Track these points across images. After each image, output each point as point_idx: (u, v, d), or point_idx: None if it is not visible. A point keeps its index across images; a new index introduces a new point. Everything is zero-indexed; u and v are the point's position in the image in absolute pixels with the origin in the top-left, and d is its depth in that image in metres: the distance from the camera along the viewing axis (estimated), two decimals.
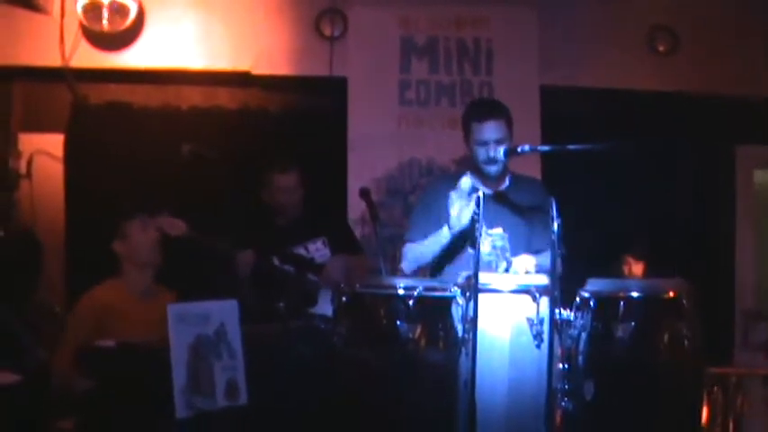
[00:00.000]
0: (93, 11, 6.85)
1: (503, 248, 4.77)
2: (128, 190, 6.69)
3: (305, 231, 5.92)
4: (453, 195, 4.61)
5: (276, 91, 7.37)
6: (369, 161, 6.99)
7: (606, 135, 5.69)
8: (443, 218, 4.80)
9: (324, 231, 5.94)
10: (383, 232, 6.07)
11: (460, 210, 4.57)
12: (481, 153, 4.84)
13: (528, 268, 4.54)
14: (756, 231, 7.61)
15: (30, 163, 7.17)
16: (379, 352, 3.85)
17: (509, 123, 4.88)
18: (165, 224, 5.60)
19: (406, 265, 5.06)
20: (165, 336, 3.64)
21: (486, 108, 5.03)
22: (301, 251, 5.85)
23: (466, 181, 4.64)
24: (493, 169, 4.87)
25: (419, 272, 5.03)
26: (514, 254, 4.71)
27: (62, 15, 7.01)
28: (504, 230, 4.79)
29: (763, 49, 7.41)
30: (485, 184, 4.96)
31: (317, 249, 5.90)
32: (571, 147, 4.78)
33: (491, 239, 4.75)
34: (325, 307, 5.50)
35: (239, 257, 5.66)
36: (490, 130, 4.82)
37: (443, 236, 4.74)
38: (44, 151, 7.18)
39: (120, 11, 6.87)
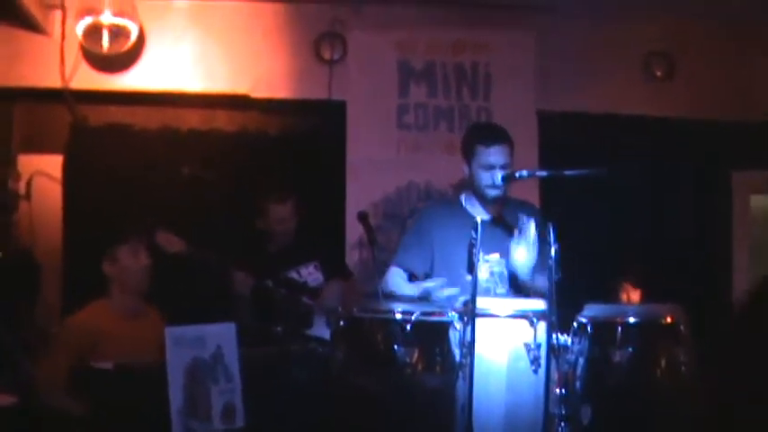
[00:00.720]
0: (93, 33, 6.86)
1: (500, 274, 4.80)
2: (125, 212, 6.70)
3: (297, 256, 5.95)
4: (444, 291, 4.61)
5: (275, 114, 7.38)
6: (367, 185, 7.00)
7: (603, 160, 5.70)
8: (435, 244, 4.84)
9: (315, 256, 5.97)
10: (381, 256, 6.04)
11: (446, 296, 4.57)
12: (485, 177, 4.86)
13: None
14: (753, 256, 7.62)
15: (29, 184, 7.17)
16: (376, 376, 3.86)
17: (512, 149, 4.92)
18: (163, 240, 5.63)
19: (384, 287, 5.07)
20: (161, 358, 3.65)
21: (492, 132, 5.05)
22: (294, 275, 5.88)
23: (448, 291, 4.63)
24: (495, 193, 4.89)
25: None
26: (511, 279, 4.74)
27: (63, 37, 7.02)
28: (501, 256, 4.80)
29: (759, 75, 7.44)
30: (485, 209, 4.98)
31: (310, 273, 5.93)
32: (568, 172, 4.80)
33: (489, 265, 4.78)
34: (320, 330, 5.53)
35: (237, 277, 5.68)
36: (496, 154, 4.85)
37: (418, 292, 4.75)
38: (43, 172, 7.18)
39: (120, 33, 6.88)
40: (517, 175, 4.80)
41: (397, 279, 5.06)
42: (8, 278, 6.34)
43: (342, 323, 4.07)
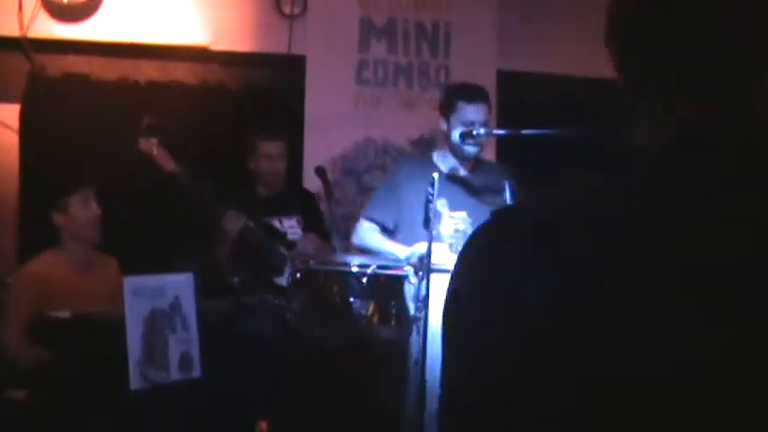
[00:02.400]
0: None
1: (464, 232, 4.85)
2: (82, 162, 6.69)
3: (281, 206, 5.97)
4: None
5: (235, 67, 7.37)
6: (325, 140, 7.02)
7: (563, 122, 5.75)
8: (403, 199, 4.88)
9: (298, 211, 5.99)
10: (338, 210, 6.12)
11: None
12: (460, 131, 4.93)
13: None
14: None
15: None
16: (331, 328, 3.91)
17: (490, 110, 5.04)
18: (159, 156, 5.63)
19: (355, 240, 5.13)
20: (118, 307, 3.68)
21: (476, 90, 5.14)
22: (276, 224, 5.90)
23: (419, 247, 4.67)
24: (472, 150, 4.97)
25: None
26: None
27: None
28: (467, 214, 4.86)
29: None
30: (452, 166, 5.04)
31: (291, 226, 5.94)
32: (525, 132, 4.87)
33: (453, 222, 4.83)
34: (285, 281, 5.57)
35: (229, 213, 5.69)
36: (477, 111, 4.94)
37: (391, 254, 4.80)
38: (0, 121, 7.15)
39: None
40: (474, 132, 4.87)
41: (370, 233, 5.11)
42: None
43: (298, 275, 4.11)
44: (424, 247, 4.41)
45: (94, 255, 5.45)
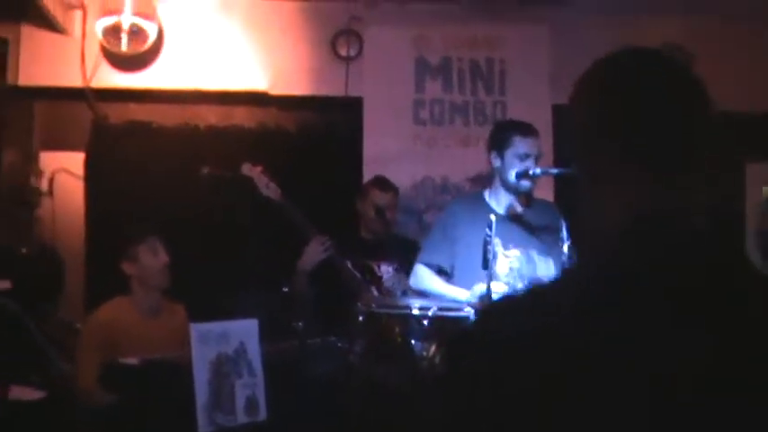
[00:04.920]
0: (113, 33, 6.96)
1: (519, 270, 4.87)
2: (146, 208, 6.81)
3: (382, 252, 6.02)
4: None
5: (293, 110, 7.47)
6: None
7: None
8: (458, 240, 4.91)
9: (397, 258, 6.03)
10: None
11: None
12: (519, 167, 4.96)
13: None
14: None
15: (51, 181, 7.28)
16: (393, 369, 3.95)
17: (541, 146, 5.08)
18: (260, 181, 5.74)
19: (413, 284, 5.18)
20: (185, 353, 3.75)
21: (527, 125, 5.18)
22: (374, 267, 5.95)
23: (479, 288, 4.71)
24: (527, 185, 4.99)
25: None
26: (531, 275, 4.80)
27: (83, 37, 7.14)
28: (522, 252, 4.88)
29: None
30: (508, 203, 5.07)
31: (388, 272, 5.98)
32: None
33: (508, 261, 4.85)
34: None
35: (316, 240, 5.77)
36: (533, 145, 4.98)
37: (452, 296, 4.84)
38: (65, 169, 7.29)
39: (139, 33, 6.99)
40: (531, 172, 4.90)
41: (428, 277, 5.16)
42: (32, 274, 6.43)
43: (361, 318, 4.15)
44: (482, 287, 4.44)
45: (162, 301, 5.53)
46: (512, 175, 4.97)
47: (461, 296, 4.76)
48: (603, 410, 1.18)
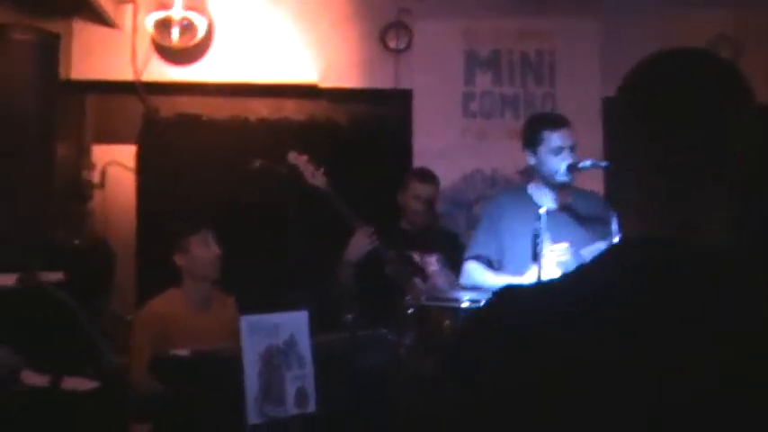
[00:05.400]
0: (163, 26, 7.02)
1: (567, 263, 4.83)
2: (197, 200, 6.85)
3: (424, 243, 6.00)
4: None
5: (343, 103, 7.49)
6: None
7: None
8: (504, 234, 4.89)
9: (440, 250, 6.01)
10: None
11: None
12: (555, 162, 4.92)
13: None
14: None
15: (103, 174, 7.34)
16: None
17: (574, 134, 5.02)
18: (306, 170, 5.75)
19: (464, 281, 5.16)
20: (236, 345, 3.77)
21: (555, 117, 5.14)
22: (416, 258, 5.94)
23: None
24: (564, 178, 4.94)
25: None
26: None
27: (134, 31, 7.21)
28: (569, 245, 4.85)
29: None
30: (553, 198, 5.04)
31: (430, 264, 5.95)
32: None
33: (556, 254, 4.82)
34: None
35: (362, 231, 5.78)
36: (564, 137, 4.93)
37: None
38: (117, 162, 7.35)
39: (189, 26, 7.04)
40: (580, 165, 4.86)
41: (478, 271, 5.14)
42: (85, 266, 6.48)
43: (411, 311, 4.16)
44: (533, 278, 4.43)
45: (213, 293, 5.57)
46: (557, 168, 4.93)
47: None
48: (605, 407, 1.19)
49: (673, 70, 1.48)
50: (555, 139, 4.94)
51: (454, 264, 5.90)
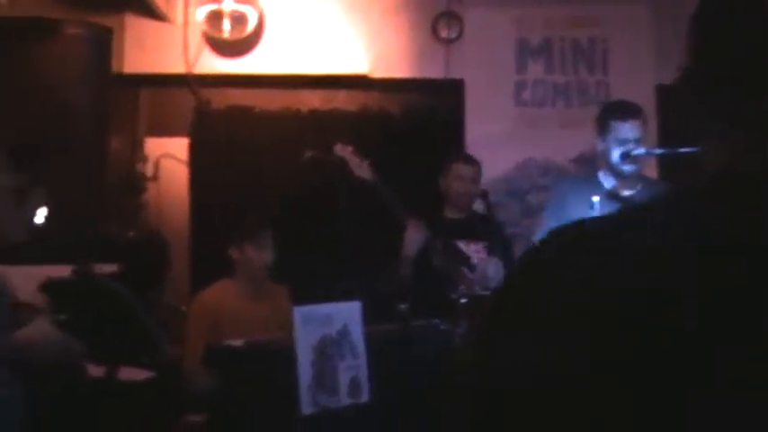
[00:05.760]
0: (214, 19, 7.06)
1: None
2: (249, 191, 6.87)
3: (469, 231, 5.96)
4: None
5: (394, 93, 7.47)
6: (486, 161, 6.98)
7: None
8: (573, 219, 4.87)
9: (486, 238, 5.98)
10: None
11: None
12: (619, 152, 4.89)
13: None
14: None
15: (156, 166, 7.39)
16: None
17: (645, 125, 4.97)
18: (353, 162, 5.75)
19: None
20: (289, 335, 3.78)
21: (626, 107, 5.09)
22: (462, 247, 5.91)
23: None
24: (631, 169, 4.91)
25: None
26: None
27: (185, 24, 7.25)
28: None
29: None
30: (622, 184, 5.01)
31: (477, 251, 5.90)
32: (684, 150, 4.79)
33: None
34: None
35: (412, 224, 5.74)
36: (632, 128, 4.89)
37: None
38: (170, 155, 7.39)
39: (240, 19, 7.06)
40: (633, 153, 4.83)
41: None
42: (139, 258, 6.53)
43: (463, 300, 4.14)
44: None
45: (266, 284, 5.58)
46: (614, 158, 4.90)
47: None
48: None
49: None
50: (622, 130, 4.91)
51: (499, 251, 5.88)
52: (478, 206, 6.09)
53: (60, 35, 5.28)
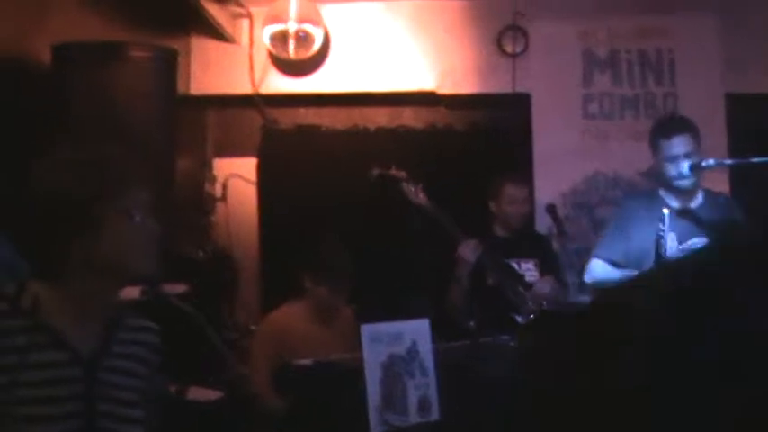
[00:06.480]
0: (280, 39, 7.08)
1: None
2: (318, 211, 6.88)
3: (519, 248, 5.94)
4: None
5: (461, 109, 7.45)
6: (555, 176, 6.99)
7: None
8: (635, 237, 4.82)
9: (536, 255, 5.95)
10: (570, 246, 6.09)
11: None
12: (671, 169, 4.86)
13: None
14: None
15: (225, 186, 7.43)
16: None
17: (696, 137, 4.90)
18: (406, 186, 5.73)
19: (588, 278, 5.10)
20: (357, 354, 3.77)
21: (670, 124, 5.06)
22: (513, 265, 5.88)
23: None
24: (684, 183, 4.87)
25: None
26: None
27: (251, 45, 7.30)
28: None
29: None
30: (678, 200, 4.96)
31: (528, 269, 5.89)
32: (756, 159, 4.72)
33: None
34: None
35: (467, 244, 5.71)
36: (678, 145, 4.85)
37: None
38: (238, 175, 7.43)
39: (305, 39, 7.08)
40: (703, 164, 4.77)
41: (602, 268, 5.09)
42: (209, 278, 6.56)
43: (532, 316, 4.12)
44: None
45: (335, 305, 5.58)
46: (674, 174, 4.87)
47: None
48: None
49: None
50: (668, 147, 4.89)
51: (550, 268, 5.84)
52: (546, 220, 6.06)
53: (127, 58, 5.32)
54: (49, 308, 2.40)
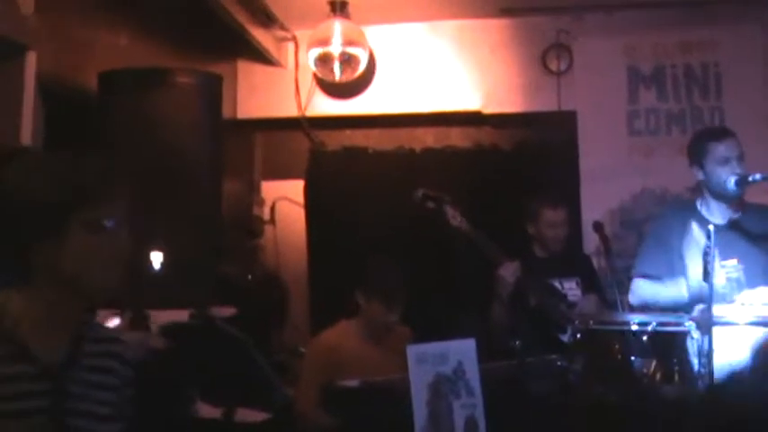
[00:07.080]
0: (325, 62, 7.13)
1: (738, 280, 4.70)
2: (366, 233, 6.90)
3: (561, 268, 5.92)
4: None
5: (507, 128, 7.46)
6: (602, 193, 6.96)
7: None
8: (674, 250, 4.79)
9: (578, 273, 5.94)
10: (618, 264, 6.05)
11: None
12: (723, 173, 4.80)
13: (764, 300, 4.45)
14: None
15: (273, 209, 7.49)
16: (613, 387, 3.88)
17: (741, 146, 4.89)
18: (450, 212, 5.72)
19: (633, 299, 5.06)
20: (405, 375, 3.78)
21: (719, 128, 5.04)
22: (555, 284, 5.87)
23: None
24: (738, 190, 4.82)
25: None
26: (750, 285, 4.63)
27: (296, 68, 7.38)
28: (738, 261, 4.72)
29: None
30: (722, 212, 4.91)
31: (570, 288, 5.86)
32: None
33: (725, 271, 4.69)
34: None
35: (507, 265, 5.70)
36: (731, 146, 4.82)
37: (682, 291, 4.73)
38: (286, 197, 7.48)
39: (351, 60, 7.12)
40: (750, 178, 4.73)
41: (646, 287, 5.05)
42: (258, 301, 6.61)
43: (578, 335, 4.11)
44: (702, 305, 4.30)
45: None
46: (725, 179, 4.81)
47: (683, 290, 4.71)
48: None
49: None
50: (721, 149, 4.83)
51: (592, 287, 5.82)
52: (593, 238, 6.04)
53: (172, 84, 5.38)
54: (17, 318, 2.36)
